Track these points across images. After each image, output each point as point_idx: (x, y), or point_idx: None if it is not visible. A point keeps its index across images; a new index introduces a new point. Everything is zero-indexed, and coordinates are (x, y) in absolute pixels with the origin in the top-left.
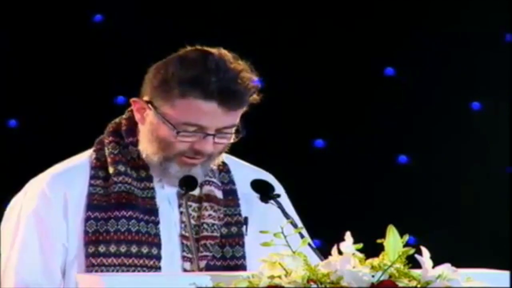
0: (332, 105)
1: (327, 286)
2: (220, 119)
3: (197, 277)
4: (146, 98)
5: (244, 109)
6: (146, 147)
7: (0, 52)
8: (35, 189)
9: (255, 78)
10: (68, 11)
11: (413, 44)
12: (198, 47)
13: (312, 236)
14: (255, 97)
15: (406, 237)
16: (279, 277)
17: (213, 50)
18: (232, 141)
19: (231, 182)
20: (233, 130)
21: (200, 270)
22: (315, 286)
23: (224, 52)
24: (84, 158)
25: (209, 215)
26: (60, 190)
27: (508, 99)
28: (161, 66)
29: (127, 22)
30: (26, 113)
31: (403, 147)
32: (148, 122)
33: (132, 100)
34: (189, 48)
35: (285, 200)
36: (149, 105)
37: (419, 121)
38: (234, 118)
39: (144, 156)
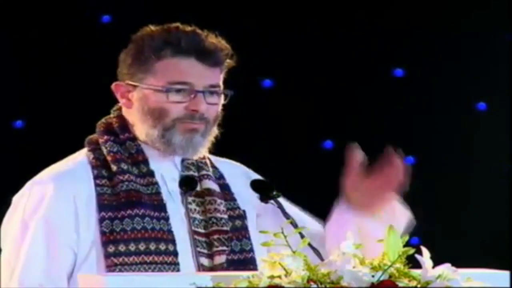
0: (341, 106)
1: (327, 286)
2: (203, 75)
3: (197, 277)
4: (126, 79)
5: (223, 72)
6: (142, 127)
7: (7, 53)
8: (41, 191)
9: (223, 41)
10: (76, 11)
11: (420, 46)
12: None
13: None
14: (230, 62)
15: (406, 237)
16: (279, 277)
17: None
18: (222, 102)
19: (222, 177)
20: (219, 90)
21: (221, 265)
22: (315, 286)
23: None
24: (81, 158)
25: (215, 209)
26: (68, 191)
27: None
28: (129, 47)
29: (135, 23)
30: (33, 114)
31: (410, 148)
32: (135, 100)
33: (114, 84)
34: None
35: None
36: (132, 83)
37: (426, 122)
38: (216, 75)
39: (143, 137)
